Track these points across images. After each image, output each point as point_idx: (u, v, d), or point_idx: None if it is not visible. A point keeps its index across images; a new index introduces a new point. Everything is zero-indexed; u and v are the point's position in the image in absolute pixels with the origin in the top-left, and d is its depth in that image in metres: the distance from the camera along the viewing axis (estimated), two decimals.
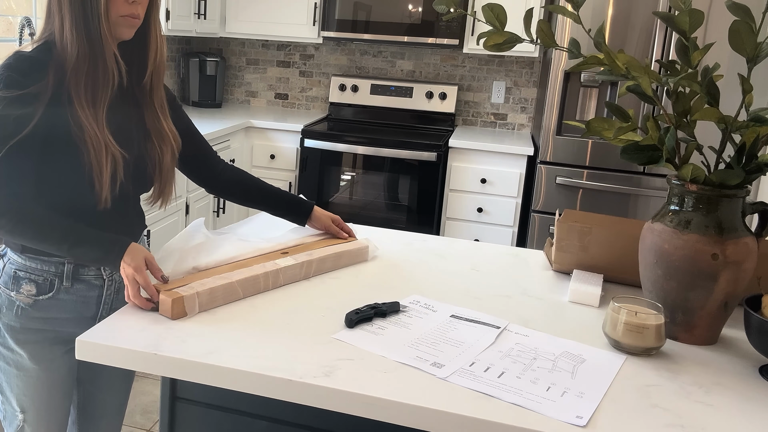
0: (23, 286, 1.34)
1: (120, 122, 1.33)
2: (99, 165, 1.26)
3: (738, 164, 1.23)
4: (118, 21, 1.26)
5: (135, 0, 1.26)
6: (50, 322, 1.37)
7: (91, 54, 1.24)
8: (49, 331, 1.38)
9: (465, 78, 4.11)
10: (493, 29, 1.30)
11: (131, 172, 1.36)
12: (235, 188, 1.61)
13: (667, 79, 1.20)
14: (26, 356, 1.37)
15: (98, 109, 1.27)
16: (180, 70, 4.28)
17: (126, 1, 1.25)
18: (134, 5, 1.26)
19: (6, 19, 2.89)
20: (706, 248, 1.21)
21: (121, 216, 1.40)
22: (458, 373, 1.09)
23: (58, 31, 1.24)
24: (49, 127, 1.24)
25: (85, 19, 1.22)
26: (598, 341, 1.25)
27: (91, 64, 1.24)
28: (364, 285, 1.46)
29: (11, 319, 1.36)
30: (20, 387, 1.39)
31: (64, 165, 1.27)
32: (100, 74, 1.26)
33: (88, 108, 1.25)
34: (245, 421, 1.20)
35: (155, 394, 2.67)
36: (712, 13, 2.96)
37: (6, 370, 1.39)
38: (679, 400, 1.06)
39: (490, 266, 1.64)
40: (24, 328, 1.36)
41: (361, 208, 3.71)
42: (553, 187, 3.32)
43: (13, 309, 1.35)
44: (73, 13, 1.22)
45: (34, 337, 1.37)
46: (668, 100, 1.51)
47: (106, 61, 1.26)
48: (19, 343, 1.37)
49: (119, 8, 1.25)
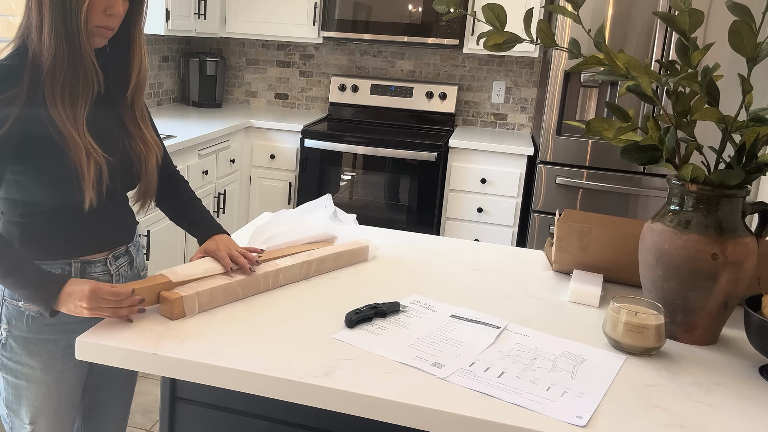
0: None
1: (101, 127, 1.32)
2: (81, 168, 1.25)
3: (738, 164, 1.23)
4: (93, 30, 1.25)
5: (112, 13, 1.25)
6: (63, 329, 1.35)
7: (70, 57, 1.23)
8: (62, 340, 1.36)
9: (465, 78, 4.11)
10: (493, 29, 1.30)
11: (118, 173, 1.35)
12: (164, 196, 1.54)
13: (667, 79, 1.20)
14: (39, 367, 1.35)
15: (77, 112, 1.25)
16: (180, 70, 4.28)
17: (104, 13, 1.24)
18: (111, 18, 1.26)
19: (6, 19, 2.89)
20: (706, 248, 1.21)
21: (112, 215, 1.39)
22: (458, 373, 1.09)
23: (35, 32, 1.23)
24: (27, 129, 1.22)
25: (65, 22, 1.21)
26: (598, 341, 1.25)
27: (69, 67, 1.23)
28: (364, 285, 1.46)
29: (22, 330, 1.34)
30: (30, 399, 1.37)
31: (46, 166, 1.26)
32: (80, 78, 1.25)
33: (64, 111, 1.24)
34: (245, 421, 1.20)
35: (155, 394, 2.67)
36: (712, 13, 2.96)
37: (16, 384, 1.37)
38: (679, 400, 1.06)
39: (490, 266, 1.64)
40: (37, 338, 1.34)
41: (361, 208, 3.71)
42: (553, 187, 3.31)
43: (23, 319, 1.33)
44: (53, 16, 1.21)
45: (47, 348, 1.35)
46: (668, 100, 1.51)
47: (85, 66, 1.25)
48: (31, 355, 1.35)
49: (96, 19, 1.24)
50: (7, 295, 1.34)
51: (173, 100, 4.31)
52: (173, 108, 4.10)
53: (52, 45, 1.22)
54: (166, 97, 4.20)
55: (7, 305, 1.34)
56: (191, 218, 1.52)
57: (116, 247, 1.42)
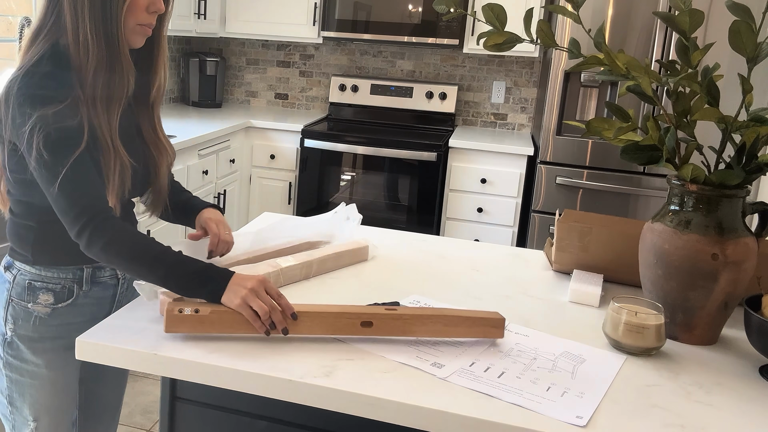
0: (40, 296, 1.32)
1: (125, 132, 1.31)
2: (108, 174, 1.24)
3: (738, 164, 1.23)
4: (135, 29, 1.24)
5: (155, 10, 1.25)
6: (66, 329, 1.35)
7: (109, 59, 1.22)
8: (64, 338, 1.36)
9: (465, 78, 4.11)
10: (493, 29, 1.30)
11: (138, 180, 1.35)
12: None
13: (667, 79, 1.20)
14: (43, 365, 1.36)
15: (112, 114, 1.24)
16: (180, 70, 4.28)
17: (146, 10, 1.24)
18: (153, 15, 1.26)
19: (6, 19, 2.89)
20: (706, 248, 1.21)
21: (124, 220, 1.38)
22: (458, 373, 1.09)
23: (72, 36, 1.21)
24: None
25: (105, 23, 1.20)
26: (598, 341, 1.25)
27: (108, 70, 1.22)
28: (364, 285, 1.46)
29: (28, 330, 1.33)
30: (34, 396, 1.37)
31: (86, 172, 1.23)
32: (117, 80, 1.24)
33: (102, 115, 1.23)
34: (245, 421, 1.20)
35: (155, 394, 2.67)
36: (712, 13, 2.96)
37: (20, 381, 1.37)
38: (679, 400, 1.06)
39: (490, 266, 1.64)
40: (42, 337, 1.34)
41: (361, 208, 3.68)
42: (553, 187, 3.31)
43: (30, 320, 1.33)
44: (93, 18, 1.19)
45: (51, 345, 1.35)
46: (668, 100, 1.51)
47: (123, 67, 1.24)
48: (36, 353, 1.35)
49: (138, 17, 1.23)
50: (14, 295, 1.33)
51: (173, 100, 4.31)
52: (173, 108, 4.10)
53: (95, 49, 1.20)
54: (166, 97, 4.20)
55: (14, 305, 1.33)
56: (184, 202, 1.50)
57: None
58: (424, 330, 1.17)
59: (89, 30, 1.20)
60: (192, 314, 1.13)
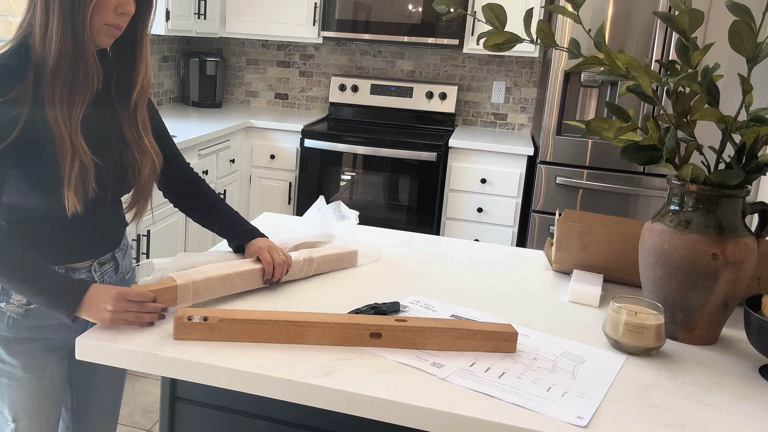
0: (13, 296, 1.31)
1: (98, 131, 1.30)
2: (64, 169, 1.22)
3: (738, 164, 1.23)
4: (101, 29, 1.23)
5: (123, 12, 1.24)
6: (42, 330, 1.34)
7: (73, 54, 1.21)
8: (41, 340, 1.35)
9: (465, 78, 4.11)
10: (493, 29, 1.30)
11: (110, 179, 1.33)
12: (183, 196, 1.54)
13: (667, 79, 1.20)
14: (19, 366, 1.35)
15: (73, 111, 1.23)
16: (180, 70, 4.28)
17: (115, 11, 1.23)
18: (122, 17, 1.24)
19: (6, 19, 2.89)
20: (706, 248, 1.21)
21: (101, 221, 1.37)
22: (458, 373, 1.09)
23: (40, 30, 1.21)
24: (24, 130, 1.20)
25: (72, 19, 1.19)
26: (598, 341, 1.25)
27: (71, 65, 1.21)
28: (364, 285, 1.46)
29: (2, 330, 1.32)
30: (12, 396, 1.37)
31: (35, 169, 1.23)
32: (81, 76, 1.23)
33: (61, 110, 1.22)
34: (245, 421, 1.20)
35: (155, 394, 2.67)
36: (712, 13, 2.96)
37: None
38: (679, 400, 1.06)
39: (490, 266, 1.64)
40: (16, 338, 1.33)
41: (361, 208, 3.69)
42: (553, 187, 3.31)
43: (3, 320, 1.32)
44: (62, 12, 1.19)
45: (27, 347, 1.34)
46: (668, 100, 1.51)
47: (87, 64, 1.23)
48: (11, 354, 1.34)
49: (106, 16, 1.22)
50: None
51: (173, 100, 4.31)
52: (173, 108, 4.10)
53: (59, 42, 1.20)
54: (166, 97, 4.20)
55: None
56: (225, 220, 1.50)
57: (102, 254, 1.40)
58: (433, 343, 1.16)
59: (56, 22, 1.20)
60: (201, 322, 1.14)
